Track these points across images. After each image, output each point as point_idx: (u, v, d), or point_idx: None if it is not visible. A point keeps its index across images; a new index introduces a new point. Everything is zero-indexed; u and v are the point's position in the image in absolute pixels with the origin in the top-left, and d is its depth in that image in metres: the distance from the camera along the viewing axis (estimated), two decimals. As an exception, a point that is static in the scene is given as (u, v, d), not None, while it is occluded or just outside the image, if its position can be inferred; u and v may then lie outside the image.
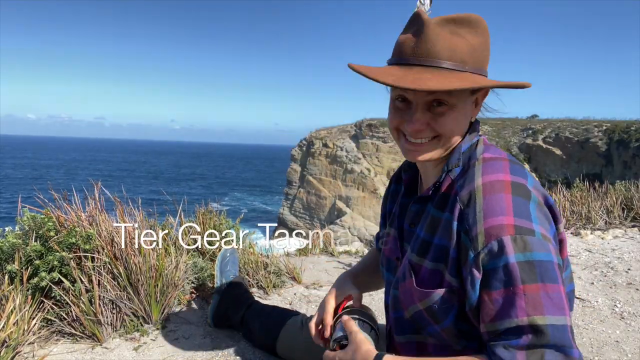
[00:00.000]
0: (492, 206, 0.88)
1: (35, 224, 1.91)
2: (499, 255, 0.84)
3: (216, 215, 2.78)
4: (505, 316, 0.83)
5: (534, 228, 0.85)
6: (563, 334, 0.81)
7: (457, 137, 1.01)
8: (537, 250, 0.83)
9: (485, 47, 0.96)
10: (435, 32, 0.91)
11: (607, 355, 1.89)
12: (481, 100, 1.03)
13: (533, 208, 0.89)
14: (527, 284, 0.82)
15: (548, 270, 0.83)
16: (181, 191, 4.66)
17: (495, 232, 0.85)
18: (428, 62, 0.92)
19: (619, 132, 30.99)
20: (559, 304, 0.82)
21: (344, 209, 36.48)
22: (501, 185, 0.90)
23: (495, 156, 0.99)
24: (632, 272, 2.84)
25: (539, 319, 0.81)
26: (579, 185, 4.57)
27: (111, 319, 1.85)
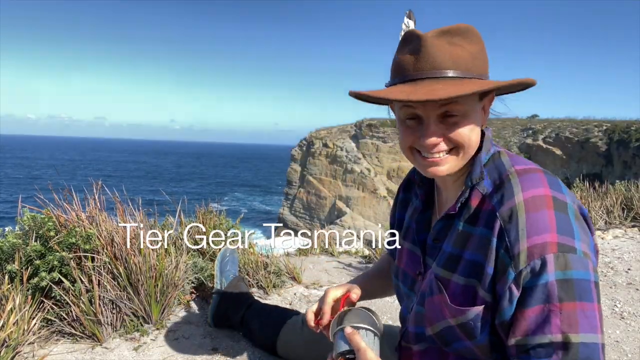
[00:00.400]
0: (536, 223, 0.87)
1: (35, 224, 1.91)
2: (540, 274, 0.84)
3: (216, 215, 2.78)
4: (538, 332, 0.84)
5: (576, 245, 0.85)
6: (593, 353, 0.82)
7: (474, 147, 1.00)
8: (577, 269, 0.84)
9: (483, 53, 0.96)
10: (434, 44, 0.92)
11: (607, 355, 1.89)
12: (488, 106, 1.03)
13: (574, 223, 0.88)
14: (565, 302, 0.83)
15: (586, 289, 0.84)
16: (181, 191, 4.68)
17: (539, 250, 0.85)
18: (434, 74, 0.92)
19: (619, 132, 30.99)
20: (593, 323, 0.83)
21: (344, 209, 36.48)
22: (542, 200, 0.89)
23: (528, 167, 0.97)
24: (632, 272, 2.84)
25: (573, 337, 0.82)
26: (579, 185, 4.58)
27: (111, 319, 1.85)
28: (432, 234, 1.09)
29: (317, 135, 40.27)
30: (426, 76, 0.92)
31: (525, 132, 36.88)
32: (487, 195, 0.96)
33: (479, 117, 0.99)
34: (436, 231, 1.08)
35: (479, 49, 0.95)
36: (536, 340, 0.84)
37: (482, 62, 0.96)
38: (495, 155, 1.01)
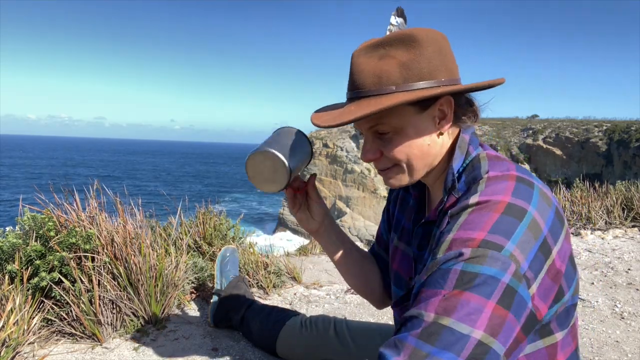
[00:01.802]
0: (472, 221, 0.84)
1: (35, 224, 1.92)
2: (449, 260, 0.81)
3: (216, 215, 2.78)
4: (417, 306, 0.81)
5: (506, 245, 0.80)
6: (457, 342, 0.76)
7: (423, 159, 0.97)
8: (490, 265, 0.78)
9: (424, 59, 0.91)
10: (359, 62, 0.93)
11: (607, 355, 1.89)
12: (448, 109, 0.96)
13: (521, 229, 0.82)
14: (456, 290, 0.79)
15: (486, 285, 0.78)
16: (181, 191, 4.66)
17: (459, 244, 0.82)
18: (356, 94, 0.93)
19: (619, 132, 31.00)
20: (473, 316, 0.76)
21: (344, 209, 36.49)
22: (494, 205, 0.84)
23: (502, 174, 0.91)
24: (632, 272, 2.84)
25: (442, 319, 0.77)
26: (579, 185, 4.58)
27: (111, 319, 1.85)
28: (414, 241, 1.07)
29: (317, 135, 40.29)
30: (352, 96, 0.94)
31: (525, 132, 36.90)
32: (458, 198, 0.94)
33: (426, 127, 0.95)
34: (418, 238, 1.06)
35: (416, 55, 0.91)
36: (411, 312, 0.82)
37: (420, 69, 0.91)
38: (475, 159, 0.97)
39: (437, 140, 0.98)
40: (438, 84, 0.92)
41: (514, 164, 0.96)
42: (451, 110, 0.97)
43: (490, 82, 0.94)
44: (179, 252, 2.28)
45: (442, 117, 0.97)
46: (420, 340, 0.77)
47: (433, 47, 0.92)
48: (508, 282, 0.78)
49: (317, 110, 1.01)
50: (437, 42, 0.94)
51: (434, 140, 0.97)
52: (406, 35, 0.92)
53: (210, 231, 2.66)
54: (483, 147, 1.01)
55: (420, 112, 0.94)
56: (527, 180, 0.90)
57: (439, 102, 0.95)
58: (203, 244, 2.62)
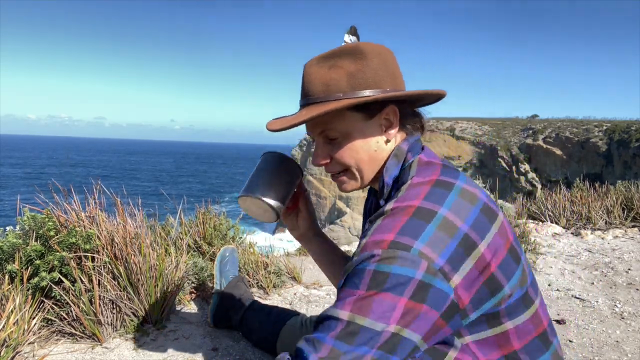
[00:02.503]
0: (384, 225, 0.90)
1: (35, 223, 1.91)
2: (362, 262, 0.87)
3: (216, 215, 2.78)
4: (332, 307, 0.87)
5: (414, 245, 0.85)
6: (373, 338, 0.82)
7: (370, 164, 1.04)
8: (400, 265, 0.84)
9: (370, 69, 0.99)
10: (310, 72, 1.01)
11: (607, 355, 1.89)
12: (394, 118, 1.03)
13: (430, 229, 0.88)
14: (369, 290, 0.84)
15: (398, 284, 0.84)
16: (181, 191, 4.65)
17: (372, 246, 0.88)
18: (306, 101, 1.02)
19: (619, 132, 31.01)
20: (387, 313, 0.83)
21: (344, 209, 36.49)
22: (404, 210, 0.91)
23: (422, 180, 0.97)
24: (632, 272, 2.84)
25: (358, 319, 0.83)
26: (579, 185, 4.58)
27: (111, 319, 1.85)
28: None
29: (318, 136, 40.30)
30: (303, 103, 1.03)
31: (525, 132, 36.92)
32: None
33: (373, 133, 1.03)
34: None
35: (362, 66, 0.99)
36: (329, 311, 0.87)
37: (365, 79, 0.99)
38: (408, 166, 1.03)
39: (385, 147, 1.05)
40: (382, 92, 1.00)
41: (440, 168, 1.01)
42: (396, 118, 1.04)
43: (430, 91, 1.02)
44: (179, 252, 2.28)
45: (389, 125, 1.04)
46: (338, 340, 0.83)
47: (378, 59, 1.01)
48: (421, 278, 0.84)
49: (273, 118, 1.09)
50: (383, 55, 1.03)
51: (380, 147, 1.05)
52: (354, 48, 1.01)
53: (210, 231, 2.66)
54: (423, 152, 1.06)
55: (367, 120, 1.02)
56: (446, 183, 0.96)
57: (385, 110, 1.02)
58: (203, 243, 2.62)
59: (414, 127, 1.09)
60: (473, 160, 37.50)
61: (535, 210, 4.33)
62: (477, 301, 0.91)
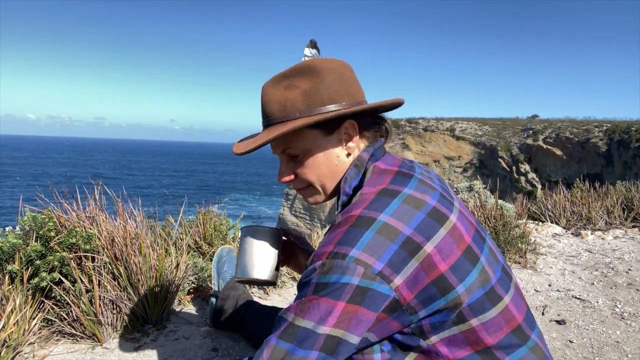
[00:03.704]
0: (328, 238, 0.96)
1: (35, 224, 1.91)
2: (308, 276, 0.95)
3: (216, 215, 2.78)
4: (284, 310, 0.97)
5: (350, 253, 0.91)
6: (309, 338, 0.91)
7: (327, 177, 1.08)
8: (335, 273, 0.91)
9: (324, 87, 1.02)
10: (267, 93, 1.05)
11: (607, 355, 1.89)
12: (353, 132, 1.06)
13: (368, 235, 0.92)
14: (311, 296, 0.92)
15: (335, 290, 0.91)
16: (181, 191, 4.71)
17: (316, 259, 0.95)
18: (266, 122, 1.05)
19: (619, 133, 31.00)
20: (324, 316, 0.90)
21: (344, 209, 36.46)
22: (346, 220, 0.96)
23: (370, 190, 1.01)
24: (632, 272, 2.84)
25: (297, 320, 0.92)
26: (579, 186, 4.57)
27: (111, 319, 1.85)
28: None
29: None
30: (263, 124, 1.06)
31: (525, 133, 36.90)
32: None
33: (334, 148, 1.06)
34: None
35: (316, 83, 1.02)
36: (280, 314, 0.97)
37: (320, 96, 1.02)
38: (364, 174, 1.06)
39: (346, 160, 1.08)
40: (339, 108, 1.02)
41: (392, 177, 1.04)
42: (355, 131, 1.07)
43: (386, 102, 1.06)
44: (179, 252, 2.28)
45: (348, 139, 1.07)
46: (280, 339, 0.93)
47: (332, 75, 1.03)
48: (357, 283, 0.90)
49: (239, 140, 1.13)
50: (336, 70, 1.05)
51: (342, 160, 1.08)
52: (307, 66, 1.03)
53: (211, 231, 2.66)
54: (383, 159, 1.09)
55: (326, 135, 1.05)
56: (392, 191, 1.00)
57: (344, 125, 1.05)
58: (203, 244, 2.62)
59: (376, 135, 1.12)
60: (473, 160, 37.50)
61: (536, 211, 4.33)
62: (426, 299, 0.95)
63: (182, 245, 2.38)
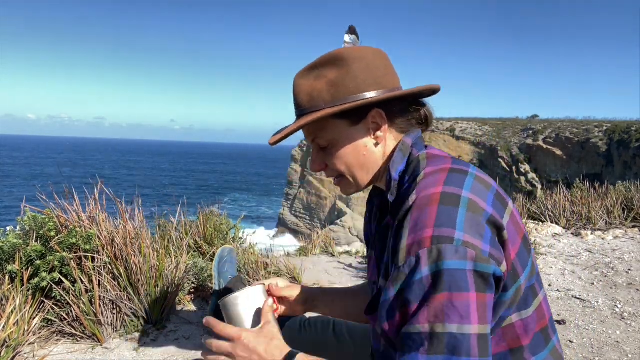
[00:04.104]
0: (417, 222, 0.87)
1: (36, 224, 1.91)
2: (415, 271, 0.85)
3: (216, 215, 2.78)
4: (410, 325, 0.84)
5: (455, 235, 0.84)
6: (461, 342, 0.81)
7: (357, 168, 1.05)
8: (450, 259, 0.82)
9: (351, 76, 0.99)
10: (297, 84, 1.03)
11: (607, 355, 1.89)
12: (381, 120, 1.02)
13: (461, 214, 0.86)
14: (434, 295, 0.82)
15: (457, 279, 0.82)
16: (181, 192, 4.73)
17: (415, 248, 0.85)
18: (297, 113, 1.04)
19: (619, 133, 31.00)
20: (463, 313, 0.81)
21: (344, 209, 36.47)
22: (429, 198, 0.89)
23: (435, 169, 0.96)
24: (632, 272, 2.84)
25: (438, 327, 0.81)
26: (579, 186, 4.57)
27: (111, 319, 1.85)
28: (377, 245, 1.11)
29: (318, 136, 40.26)
30: (295, 114, 1.05)
31: (525, 133, 36.89)
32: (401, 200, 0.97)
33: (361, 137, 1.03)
34: (378, 241, 1.10)
35: (343, 73, 0.99)
36: (407, 330, 0.85)
37: (346, 86, 0.99)
38: (415, 160, 1.02)
39: (375, 150, 1.05)
40: (365, 97, 0.99)
41: (451, 159, 1.01)
42: (384, 120, 1.03)
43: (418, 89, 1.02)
44: (179, 252, 2.28)
45: (376, 128, 1.03)
46: (430, 356, 0.81)
47: (360, 64, 1.01)
48: (474, 268, 0.83)
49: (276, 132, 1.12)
50: (364, 59, 1.02)
51: (370, 150, 1.04)
52: (334, 55, 1.01)
53: (211, 231, 2.66)
54: (428, 149, 1.06)
55: (353, 126, 1.02)
56: (460, 169, 0.96)
57: (371, 114, 1.02)
58: (203, 244, 2.62)
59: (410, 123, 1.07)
60: (473, 160, 37.50)
61: (536, 211, 4.32)
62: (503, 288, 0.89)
63: (182, 245, 2.38)
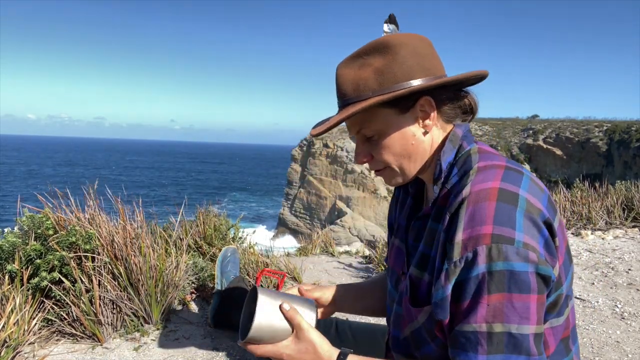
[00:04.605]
0: (474, 215, 0.85)
1: (34, 223, 1.91)
2: (472, 266, 0.83)
3: (216, 215, 2.78)
4: (465, 322, 0.84)
5: (515, 236, 0.82)
6: (520, 343, 0.81)
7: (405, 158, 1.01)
8: (511, 260, 0.81)
9: (397, 63, 0.96)
10: (341, 74, 0.99)
11: (607, 355, 1.89)
12: (430, 109, 0.99)
13: (520, 214, 0.85)
14: (492, 294, 0.82)
15: (518, 280, 0.81)
16: (181, 191, 4.67)
17: (472, 243, 0.84)
18: (341, 103, 1.00)
19: (619, 132, 30.99)
20: (523, 313, 0.81)
21: (345, 209, 36.47)
22: (487, 193, 0.87)
23: (491, 164, 0.94)
24: (632, 272, 2.83)
25: (496, 327, 0.81)
26: (579, 186, 4.57)
27: (111, 319, 1.85)
28: (411, 234, 1.09)
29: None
30: (339, 105, 1.01)
31: (525, 132, 36.89)
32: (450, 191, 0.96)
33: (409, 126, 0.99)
34: (415, 231, 1.08)
35: (390, 60, 0.96)
36: (463, 329, 0.84)
37: (393, 73, 0.96)
38: (466, 153, 1.00)
39: (424, 139, 1.01)
40: (413, 84, 0.96)
41: (505, 157, 0.99)
42: (432, 108, 0.99)
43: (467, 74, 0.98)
44: (179, 252, 2.28)
45: (425, 117, 1.00)
46: (488, 355, 0.81)
47: (406, 50, 0.97)
48: (535, 270, 0.82)
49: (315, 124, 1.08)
50: (410, 45, 0.98)
51: (419, 140, 1.01)
52: (379, 43, 0.98)
53: (211, 231, 2.66)
54: (477, 143, 1.03)
55: (401, 114, 0.98)
56: (516, 169, 0.94)
57: (419, 102, 0.98)
58: (203, 244, 2.62)
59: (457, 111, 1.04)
60: (473, 160, 37.45)
61: (536, 211, 4.32)
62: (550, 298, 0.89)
63: (182, 245, 2.38)
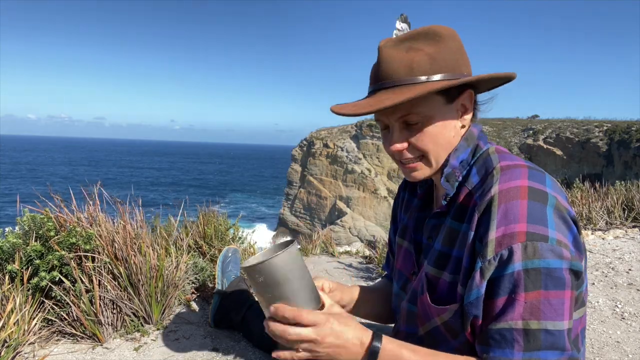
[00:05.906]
0: (507, 214, 0.86)
1: (35, 224, 1.91)
2: (507, 264, 0.84)
3: (216, 215, 2.78)
4: (501, 319, 0.85)
5: (549, 234, 0.84)
6: (557, 339, 0.82)
7: (446, 149, 1.01)
8: (546, 257, 0.83)
9: (449, 52, 0.96)
10: (389, 53, 0.96)
11: (607, 355, 1.89)
12: (469, 104, 1.01)
13: (550, 212, 0.86)
14: (530, 291, 0.83)
15: (554, 277, 0.83)
16: (181, 191, 4.66)
17: (507, 240, 0.85)
18: (387, 84, 0.95)
19: (619, 133, 30.99)
20: (558, 310, 0.83)
21: (345, 209, 36.47)
22: (517, 191, 0.88)
23: (514, 163, 0.96)
24: (632, 272, 2.83)
25: (533, 324, 0.82)
26: (579, 186, 4.57)
27: (112, 319, 1.85)
28: (425, 233, 1.09)
29: (318, 136, 40.30)
30: (381, 87, 0.96)
31: (525, 132, 36.89)
32: (473, 191, 0.97)
33: (452, 117, 0.99)
34: (429, 229, 1.08)
35: (442, 49, 0.95)
36: (497, 327, 0.85)
37: (448, 61, 0.95)
38: (485, 153, 1.01)
39: (460, 133, 1.02)
40: (461, 76, 0.96)
41: (522, 158, 1.01)
42: (471, 103, 1.01)
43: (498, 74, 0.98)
44: (180, 252, 2.28)
45: (464, 111, 1.01)
46: (525, 352, 0.82)
47: (454, 42, 0.98)
48: (569, 267, 0.84)
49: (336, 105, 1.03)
50: (456, 38, 0.99)
51: (458, 132, 1.01)
52: (430, 30, 0.96)
53: (211, 231, 2.66)
54: (491, 144, 1.05)
55: (448, 104, 0.98)
56: (537, 168, 0.96)
57: (463, 95, 0.99)
58: (203, 244, 2.62)
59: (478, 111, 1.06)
60: (473, 160, 37.45)
61: (536, 211, 4.32)
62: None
63: (183, 245, 2.38)
